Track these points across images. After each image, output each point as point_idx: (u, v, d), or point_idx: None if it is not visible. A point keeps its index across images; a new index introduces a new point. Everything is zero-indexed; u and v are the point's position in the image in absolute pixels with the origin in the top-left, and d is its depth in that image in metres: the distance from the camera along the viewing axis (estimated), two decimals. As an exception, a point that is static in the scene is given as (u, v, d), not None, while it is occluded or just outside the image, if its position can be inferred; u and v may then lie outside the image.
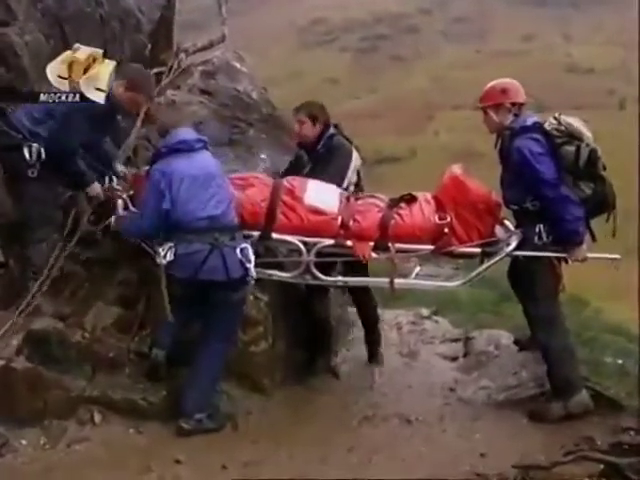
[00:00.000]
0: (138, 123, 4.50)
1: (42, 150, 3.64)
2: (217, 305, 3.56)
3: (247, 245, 3.60)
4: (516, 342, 4.52)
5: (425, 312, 6.21)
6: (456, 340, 5.26)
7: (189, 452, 3.26)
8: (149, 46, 5.37)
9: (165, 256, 3.44)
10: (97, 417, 3.44)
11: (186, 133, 3.73)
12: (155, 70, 5.11)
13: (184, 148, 3.60)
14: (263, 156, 4.91)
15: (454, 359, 4.86)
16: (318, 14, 35.21)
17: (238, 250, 3.53)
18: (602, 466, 2.96)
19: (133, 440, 3.39)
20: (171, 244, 3.46)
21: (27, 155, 3.61)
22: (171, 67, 5.39)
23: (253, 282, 3.62)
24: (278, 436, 3.58)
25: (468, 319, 7.76)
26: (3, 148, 3.68)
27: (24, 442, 3.22)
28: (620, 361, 4.81)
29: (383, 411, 3.89)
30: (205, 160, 3.68)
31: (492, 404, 4.00)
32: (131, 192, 3.95)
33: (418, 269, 4.02)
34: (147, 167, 3.79)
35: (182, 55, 5.65)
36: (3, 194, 3.79)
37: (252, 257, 3.57)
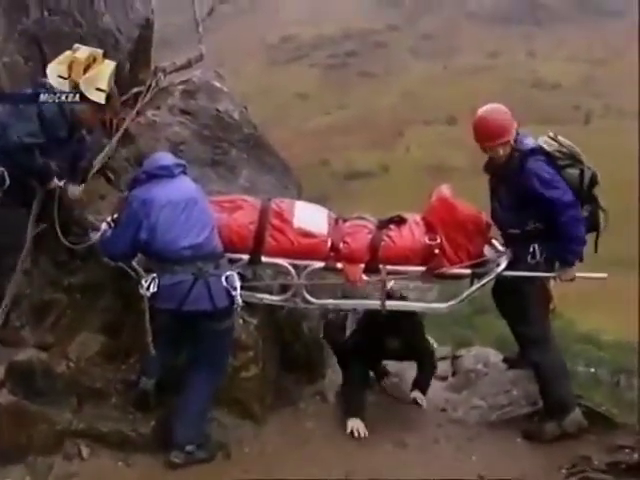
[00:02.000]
0: (114, 140, 4.41)
1: (6, 175, 3.55)
2: (204, 335, 3.47)
3: (232, 272, 3.51)
4: (505, 360, 4.53)
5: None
6: (443, 358, 5.25)
7: (182, 485, 3.16)
8: (128, 66, 5.29)
9: (149, 288, 3.34)
10: (85, 451, 3.32)
11: (164, 158, 3.67)
12: (135, 90, 5.03)
13: (163, 174, 3.53)
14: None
15: (443, 378, 4.85)
16: (288, 31, 35.37)
17: (223, 278, 3.44)
18: (603, 486, 2.95)
19: (123, 474, 3.28)
20: (154, 275, 3.37)
21: None
22: (149, 86, 5.32)
23: (239, 309, 3.55)
24: (271, 464, 3.50)
25: (443, 334, 7.79)
26: None
27: (8, 481, 3.09)
28: (592, 370, 4.87)
29: (377, 435, 3.83)
30: (185, 185, 3.60)
31: (485, 424, 3.99)
32: (115, 215, 3.86)
33: (392, 283, 3.98)
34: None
35: (160, 74, 5.58)
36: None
37: (238, 285, 3.48)
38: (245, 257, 3.77)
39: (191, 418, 3.47)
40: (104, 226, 3.75)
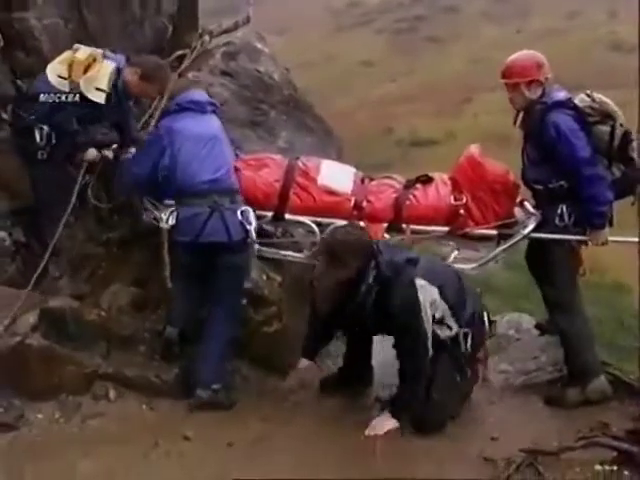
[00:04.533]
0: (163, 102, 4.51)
1: (53, 133, 3.69)
2: (220, 269, 3.57)
3: (248, 208, 3.64)
4: (537, 326, 4.43)
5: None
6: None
7: (197, 429, 3.29)
8: (170, 28, 5.38)
9: (167, 221, 3.50)
10: (112, 393, 3.52)
11: (198, 94, 3.85)
12: (179, 52, 5.11)
13: (195, 108, 3.70)
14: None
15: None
16: (355, -5, 34.85)
17: (239, 212, 3.57)
18: (615, 453, 2.87)
19: (145, 416, 3.46)
20: (172, 208, 3.53)
21: (37, 137, 3.67)
22: (194, 48, 5.40)
23: (256, 246, 3.69)
24: (290, 415, 3.58)
25: (503, 304, 7.61)
26: (18, 131, 3.75)
27: (40, 416, 3.32)
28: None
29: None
30: (212, 124, 3.76)
31: (509, 388, 3.94)
32: None
33: (456, 253, 3.91)
34: None
35: (206, 37, 5.65)
36: (20, 176, 3.87)
37: (253, 220, 3.61)
38: (269, 214, 3.84)
39: (215, 357, 3.58)
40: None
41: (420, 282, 3.23)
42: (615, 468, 2.77)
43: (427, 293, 3.24)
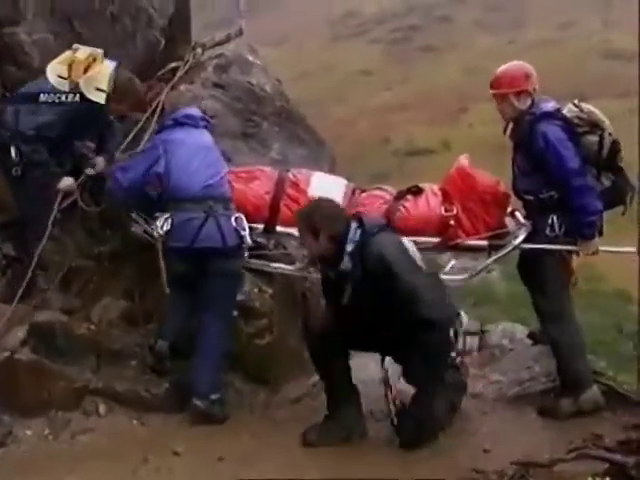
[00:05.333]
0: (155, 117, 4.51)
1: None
2: (215, 276, 3.56)
3: (241, 215, 3.68)
4: (530, 335, 4.42)
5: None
6: (472, 334, 5.16)
7: (188, 443, 3.26)
8: (163, 41, 5.40)
9: (162, 227, 3.52)
10: (102, 408, 3.50)
11: (193, 110, 3.95)
12: (172, 65, 5.13)
13: (188, 122, 3.79)
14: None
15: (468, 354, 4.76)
16: (351, 6, 34.85)
17: (233, 219, 3.61)
18: (607, 465, 2.85)
19: (136, 431, 3.44)
20: (167, 215, 3.56)
21: (13, 153, 3.63)
22: (186, 61, 5.42)
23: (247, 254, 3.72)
24: (280, 431, 3.55)
25: (502, 313, 7.59)
26: None
27: (29, 432, 3.29)
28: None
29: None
30: (205, 137, 3.84)
31: (502, 399, 3.92)
32: None
33: (453, 262, 3.92)
34: None
35: (199, 49, 5.67)
36: (7, 189, 3.86)
37: (246, 226, 3.66)
38: (260, 226, 3.84)
39: (211, 369, 3.54)
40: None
41: (407, 243, 3.30)
42: (607, 480, 2.74)
43: (415, 252, 3.28)
